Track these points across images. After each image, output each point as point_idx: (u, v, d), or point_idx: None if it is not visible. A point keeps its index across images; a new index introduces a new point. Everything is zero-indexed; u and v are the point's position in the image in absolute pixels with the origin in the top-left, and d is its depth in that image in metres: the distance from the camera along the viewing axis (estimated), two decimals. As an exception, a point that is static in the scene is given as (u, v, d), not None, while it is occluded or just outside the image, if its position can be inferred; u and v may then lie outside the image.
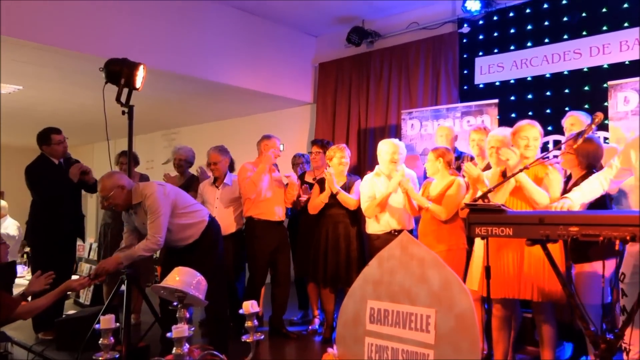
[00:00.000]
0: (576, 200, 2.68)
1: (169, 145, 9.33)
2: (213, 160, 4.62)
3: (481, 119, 5.08)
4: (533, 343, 3.92)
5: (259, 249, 4.41)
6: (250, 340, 2.49)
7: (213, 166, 4.63)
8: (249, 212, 4.47)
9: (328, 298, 4.43)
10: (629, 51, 4.87)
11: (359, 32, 6.66)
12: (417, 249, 2.39)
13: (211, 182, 4.70)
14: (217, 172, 4.63)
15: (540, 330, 3.11)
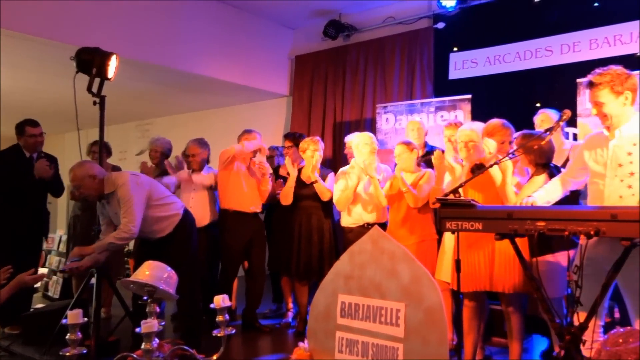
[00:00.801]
0: (540, 198, 2.74)
1: (143, 136, 9.21)
2: (191, 152, 4.57)
3: (454, 114, 5.14)
4: (502, 334, 4.00)
5: (232, 241, 4.38)
6: (222, 334, 2.48)
7: (191, 158, 4.58)
8: (223, 204, 4.43)
9: (301, 291, 4.44)
10: (598, 49, 4.98)
11: (335, 25, 6.66)
12: (387, 244, 2.41)
13: (188, 172, 4.66)
14: (195, 165, 4.59)
15: (509, 322, 3.17)
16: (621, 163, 2.52)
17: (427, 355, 2.19)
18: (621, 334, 1.29)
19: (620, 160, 2.52)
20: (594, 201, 2.65)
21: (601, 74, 2.54)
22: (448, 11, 5.83)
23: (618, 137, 2.56)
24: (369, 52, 6.56)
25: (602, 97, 2.52)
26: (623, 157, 2.52)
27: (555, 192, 2.81)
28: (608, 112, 2.54)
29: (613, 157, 2.55)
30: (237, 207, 4.38)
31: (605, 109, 2.54)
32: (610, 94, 2.51)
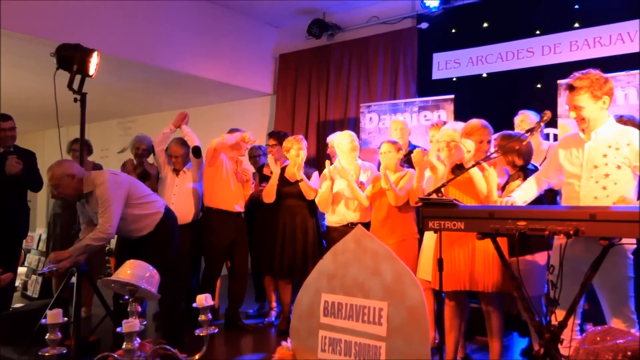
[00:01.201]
0: (519, 199, 2.78)
1: (125, 134, 9.11)
2: (175, 153, 4.54)
3: (437, 114, 5.17)
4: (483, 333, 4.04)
5: (216, 241, 4.36)
6: (204, 334, 2.47)
7: (174, 159, 4.55)
8: (208, 202, 4.41)
9: (285, 290, 4.44)
10: (578, 51, 5.05)
11: (319, 24, 6.66)
12: (370, 243, 2.42)
13: (172, 169, 4.62)
14: (178, 165, 4.56)
15: (489, 320, 3.21)
16: (596, 165, 2.57)
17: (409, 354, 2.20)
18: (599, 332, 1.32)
19: (596, 162, 2.58)
20: (568, 201, 2.70)
21: (581, 78, 2.58)
22: (431, 11, 5.87)
23: (594, 139, 2.61)
24: (352, 52, 6.58)
25: (582, 101, 2.57)
26: (598, 159, 2.57)
27: (531, 192, 2.86)
28: (586, 116, 2.59)
29: (589, 158, 2.61)
30: (223, 205, 4.37)
31: (583, 113, 2.59)
32: (589, 99, 2.56)
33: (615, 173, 2.55)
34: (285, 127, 6.85)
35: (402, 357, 2.22)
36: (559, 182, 2.86)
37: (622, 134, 2.58)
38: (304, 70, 7.01)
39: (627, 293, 2.53)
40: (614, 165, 2.53)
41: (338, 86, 6.66)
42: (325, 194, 4.11)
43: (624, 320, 2.51)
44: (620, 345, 1.24)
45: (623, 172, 2.55)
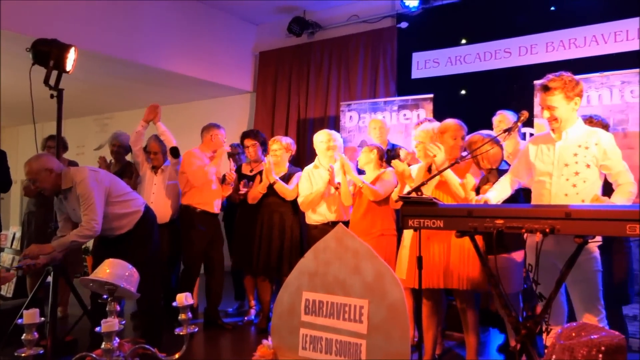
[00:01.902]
0: (493, 198, 2.84)
1: (102, 130, 8.98)
2: (154, 149, 4.50)
3: (417, 113, 5.21)
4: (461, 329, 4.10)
5: (196, 240, 4.34)
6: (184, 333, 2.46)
7: (153, 155, 4.51)
8: (188, 201, 4.38)
9: (264, 288, 4.44)
10: (554, 52, 5.15)
11: (300, 22, 6.65)
12: (351, 241, 2.44)
13: (150, 167, 4.58)
14: (157, 162, 4.52)
15: (465, 317, 3.26)
16: (567, 163, 2.66)
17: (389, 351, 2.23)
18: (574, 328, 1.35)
19: (567, 160, 2.66)
20: (539, 199, 2.76)
21: (554, 80, 2.66)
22: (411, 11, 5.91)
23: (564, 138, 2.71)
24: (333, 50, 6.59)
25: (556, 101, 2.65)
26: (569, 158, 2.66)
27: (504, 191, 2.92)
28: (559, 116, 2.67)
29: (559, 157, 2.69)
30: (203, 205, 4.36)
31: (556, 113, 2.67)
32: (563, 99, 2.65)
33: (585, 171, 2.64)
34: (265, 125, 6.84)
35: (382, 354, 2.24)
36: (530, 181, 2.92)
37: (591, 135, 2.68)
38: (284, 68, 7.00)
39: (597, 286, 2.62)
40: (583, 164, 2.62)
41: (318, 84, 6.67)
42: (315, 197, 4.11)
43: (595, 314, 2.59)
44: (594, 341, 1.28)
45: (591, 171, 2.65)
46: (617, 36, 4.89)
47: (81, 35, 5.03)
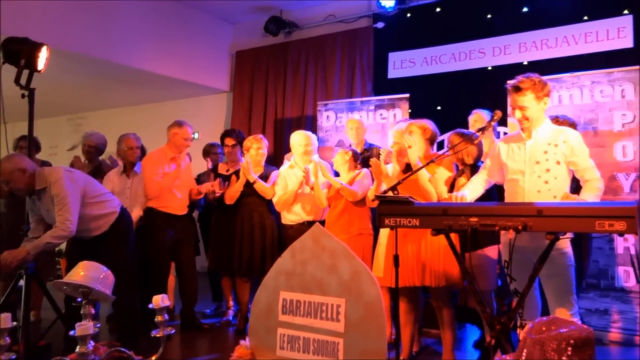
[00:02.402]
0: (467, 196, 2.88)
1: (75, 130, 8.83)
2: (131, 145, 4.41)
3: (393, 113, 5.25)
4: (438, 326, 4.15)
5: (160, 242, 4.27)
6: (160, 335, 2.44)
7: (129, 150, 4.41)
8: (151, 203, 4.31)
9: (243, 288, 4.42)
10: (527, 52, 5.24)
11: (276, 21, 6.65)
12: (328, 241, 2.45)
13: (120, 171, 4.49)
14: (133, 157, 4.43)
15: (440, 314, 3.30)
16: (538, 160, 2.73)
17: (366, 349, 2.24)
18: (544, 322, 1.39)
19: (537, 158, 2.74)
20: (513, 196, 2.82)
21: (524, 81, 2.73)
22: (387, 11, 5.95)
23: (534, 137, 2.78)
24: (310, 50, 6.60)
25: (527, 101, 2.72)
26: (540, 155, 2.73)
27: (477, 190, 2.97)
28: (530, 116, 2.75)
29: (531, 155, 2.77)
30: (166, 209, 4.31)
31: (527, 113, 2.74)
32: (534, 100, 2.72)
33: (555, 168, 2.72)
34: (242, 124, 6.81)
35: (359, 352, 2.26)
36: (501, 180, 2.98)
37: (560, 133, 2.76)
38: (261, 67, 6.98)
39: (570, 281, 2.68)
40: (553, 161, 2.70)
41: (295, 84, 6.67)
42: (289, 197, 4.12)
43: (568, 308, 2.66)
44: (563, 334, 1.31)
45: (561, 168, 2.73)
46: (587, 37, 5.00)
47: (53, 34, 4.94)
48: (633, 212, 2.16)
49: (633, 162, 4.08)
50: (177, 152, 4.34)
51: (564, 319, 1.42)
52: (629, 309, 4.05)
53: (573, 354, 1.30)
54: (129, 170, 4.46)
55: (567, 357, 1.30)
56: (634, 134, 4.10)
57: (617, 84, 4.20)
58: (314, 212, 4.16)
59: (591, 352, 1.33)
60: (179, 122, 4.43)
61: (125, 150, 4.44)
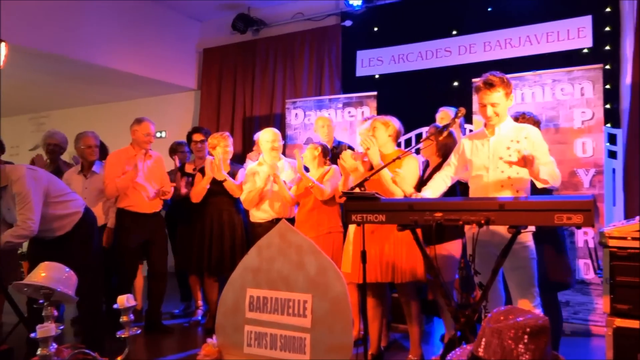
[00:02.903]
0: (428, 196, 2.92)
1: (38, 129, 8.61)
2: (90, 143, 4.32)
3: (361, 111, 5.29)
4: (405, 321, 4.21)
5: (128, 241, 4.19)
6: (126, 335, 2.41)
7: (88, 149, 4.31)
8: (119, 204, 4.23)
9: (212, 287, 4.38)
10: (491, 51, 5.35)
11: (244, 19, 6.61)
12: (295, 237, 2.45)
13: (78, 171, 4.39)
14: (92, 156, 4.34)
15: (407, 309, 3.35)
16: (501, 156, 2.79)
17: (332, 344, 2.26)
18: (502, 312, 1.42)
19: (500, 153, 2.80)
20: (478, 192, 2.88)
21: (494, 77, 2.78)
22: (355, 9, 5.99)
23: (497, 134, 2.84)
24: (278, 47, 6.59)
25: (498, 98, 2.77)
26: (503, 151, 2.79)
27: (440, 189, 3.02)
28: (500, 112, 2.79)
29: (494, 151, 2.83)
30: (134, 208, 4.21)
31: (498, 109, 2.79)
32: (503, 96, 2.78)
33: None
34: (210, 122, 6.76)
35: (326, 347, 2.27)
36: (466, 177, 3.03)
37: (520, 130, 2.83)
38: (229, 65, 6.94)
39: (532, 273, 2.75)
40: (516, 157, 2.75)
41: (264, 82, 6.65)
42: (255, 194, 4.11)
43: (530, 300, 2.73)
44: (520, 323, 1.35)
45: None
46: (549, 37, 5.13)
47: (13, 31, 4.79)
48: (590, 206, 2.23)
49: (592, 158, 4.22)
50: (139, 149, 4.27)
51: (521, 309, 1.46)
52: (588, 300, 4.18)
53: (529, 341, 1.34)
54: (87, 170, 4.36)
55: (523, 344, 1.34)
56: (592, 131, 4.24)
57: (577, 82, 4.33)
58: (282, 210, 4.16)
59: (546, 339, 1.37)
60: (139, 118, 4.33)
61: (83, 149, 4.33)
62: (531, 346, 1.33)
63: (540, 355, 1.34)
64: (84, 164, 4.38)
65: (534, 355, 1.33)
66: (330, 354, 2.24)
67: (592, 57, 4.78)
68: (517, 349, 1.33)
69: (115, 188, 4.12)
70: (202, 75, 7.18)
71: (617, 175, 4.56)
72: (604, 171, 4.21)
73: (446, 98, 5.16)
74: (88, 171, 4.35)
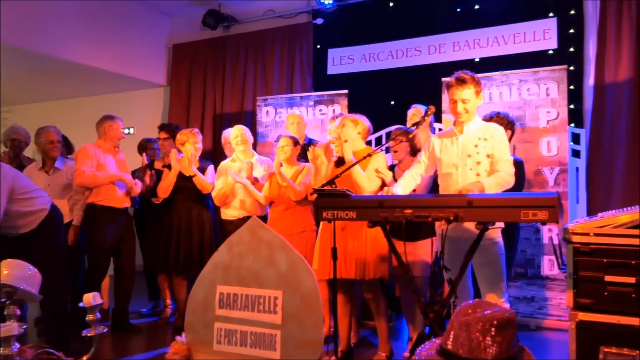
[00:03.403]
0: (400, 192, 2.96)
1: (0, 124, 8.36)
2: (52, 138, 4.20)
3: (333, 108, 5.31)
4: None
5: (101, 238, 4.11)
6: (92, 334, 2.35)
7: (50, 145, 4.19)
8: (91, 198, 4.14)
9: (180, 286, 4.33)
10: (460, 51, 5.43)
11: (215, 15, 6.55)
12: (265, 233, 2.44)
13: (39, 167, 4.26)
14: (55, 152, 4.22)
15: (373, 305, 3.37)
16: (470, 154, 2.85)
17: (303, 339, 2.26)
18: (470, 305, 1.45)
19: (469, 151, 2.85)
20: (447, 189, 2.92)
21: (465, 75, 2.83)
22: (326, 8, 6.00)
23: (466, 132, 2.89)
24: (249, 44, 6.55)
25: (468, 95, 2.82)
26: (471, 149, 2.85)
27: (410, 186, 3.05)
28: (470, 109, 2.84)
29: (463, 149, 2.88)
30: (106, 202, 4.12)
31: (468, 106, 2.83)
32: (473, 94, 2.83)
33: (485, 161, 2.84)
34: (179, 119, 6.67)
35: (297, 343, 2.27)
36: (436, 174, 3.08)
37: (487, 128, 2.89)
38: (199, 61, 6.86)
39: (501, 269, 2.80)
40: (483, 154, 2.82)
41: (234, 79, 6.60)
42: (226, 190, 4.07)
43: (499, 295, 2.79)
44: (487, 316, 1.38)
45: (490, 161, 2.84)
46: (516, 38, 5.23)
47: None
48: (554, 202, 2.29)
49: (557, 156, 4.32)
50: (112, 144, 4.20)
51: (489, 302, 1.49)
52: (553, 295, 4.29)
53: (496, 334, 1.37)
54: (49, 166, 4.25)
55: (490, 337, 1.37)
56: (557, 130, 4.35)
57: (542, 82, 4.43)
58: (253, 208, 4.13)
59: (513, 331, 1.40)
60: (111, 115, 4.27)
61: (44, 144, 4.21)
62: (498, 338, 1.36)
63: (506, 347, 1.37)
64: (45, 160, 4.26)
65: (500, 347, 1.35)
66: (301, 350, 2.24)
67: (557, 58, 4.90)
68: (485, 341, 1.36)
69: (92, 178, 4.02)
70: (171, 71, 7.07)
71: (580, 174, 4.70)
72: (568, 170, 4.32)
73: (416, 97, 5.19)
74: (50, 167, 4.23)
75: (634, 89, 4.55)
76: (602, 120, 4.67)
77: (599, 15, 4.80)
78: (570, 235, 2.46)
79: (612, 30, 4.69)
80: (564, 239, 2.62)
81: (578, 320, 2.37)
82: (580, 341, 2.38)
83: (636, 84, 4.55)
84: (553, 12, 5.07)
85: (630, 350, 2.28)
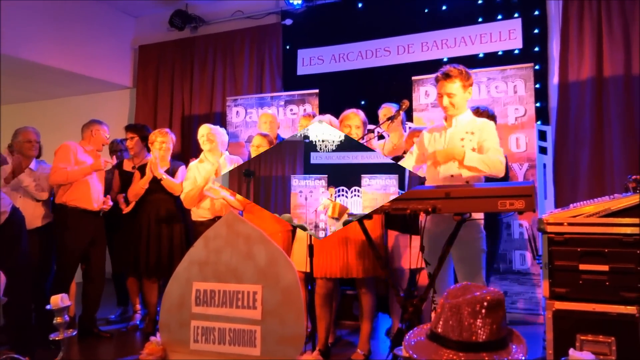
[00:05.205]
0: None
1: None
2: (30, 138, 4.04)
3: (303, 108, 5.29)
4: (351, 317, 4.22)
5: (71, 242, 3.95)
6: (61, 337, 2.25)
7: (27, 144, 4.03)
8: (62, 199, 3.98)
9: (151, 290, 4.21)
10: (429, 51, 5.49)
11: (182, 16, 6.46)
12: (243, 227, 2.38)
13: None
14: (33, 152, 4.06)
15: (361, 303, 3.35)
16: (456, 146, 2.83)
17: (284, 334, 2.21)
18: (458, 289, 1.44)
19: (455, 144, 2.85)
20: (431, 181, 2.92)
21: (453, 69, 2.83)
22: (295, 8, 5.98)
23: (454, 125, 2.89)
24: (217, 45, 6.47)
25: (455, 89, 2.83)
26: (457, 142, 2.86)
27: None
28: (456, 103, 2.85)
29: (449, 142, 2.89)
30: (79, 203, 3.97)
31: (454, 100, 2.84)
32: (460, 88, 2.84)
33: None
34: (147, 121, 6.52)
35: (277, 338, 2.22)
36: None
37: (477, 122, 2.90)
38: (166, 62, 6.74)
39: (480, 265, 2.80)
40: (469, 148, 2.82)
41: (203, 80, 6.51)
42: (195, 192, 3.99)
43: (477, 290, 2.79)
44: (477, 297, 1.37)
45: None
46: (482, 38, 5.33)
47: None
48: (531, 191, 2.31)
49: (525, 153, 4.41)
50: (96, 148, 4.12)
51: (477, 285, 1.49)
52: (524, 290, 4.36)
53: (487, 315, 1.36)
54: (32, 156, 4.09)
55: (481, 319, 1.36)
56: (525, 127, 4.43)
57: (510, 80, 4.52)
58: (224, 208, 4.05)
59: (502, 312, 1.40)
60: (99, 120, 4.22)
61: (22, 142, 4.05)
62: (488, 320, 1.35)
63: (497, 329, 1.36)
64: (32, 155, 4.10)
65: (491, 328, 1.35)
66: (282, 346, 2.19)
67: (523, 57, 5.00)
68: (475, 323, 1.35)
69: (65, 175, 3.88)
70: (137, 72, 6.93)
71: (547, 170, 4.80)
72: (536, 165, 4.41)
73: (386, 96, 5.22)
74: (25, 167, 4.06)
75: (596, 88, 4.69)
76: (567, 117, 4.79)
77: (562, 16, 4.93)
78: (545, 226, 2.50)
79: (574, 30, 4.82)
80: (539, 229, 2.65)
81: (555, 310, 2.40)
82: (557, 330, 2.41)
83: (598, 82, 4.69)
84: (518, 13, 5.18)
85: (606, 337, 2.32)
